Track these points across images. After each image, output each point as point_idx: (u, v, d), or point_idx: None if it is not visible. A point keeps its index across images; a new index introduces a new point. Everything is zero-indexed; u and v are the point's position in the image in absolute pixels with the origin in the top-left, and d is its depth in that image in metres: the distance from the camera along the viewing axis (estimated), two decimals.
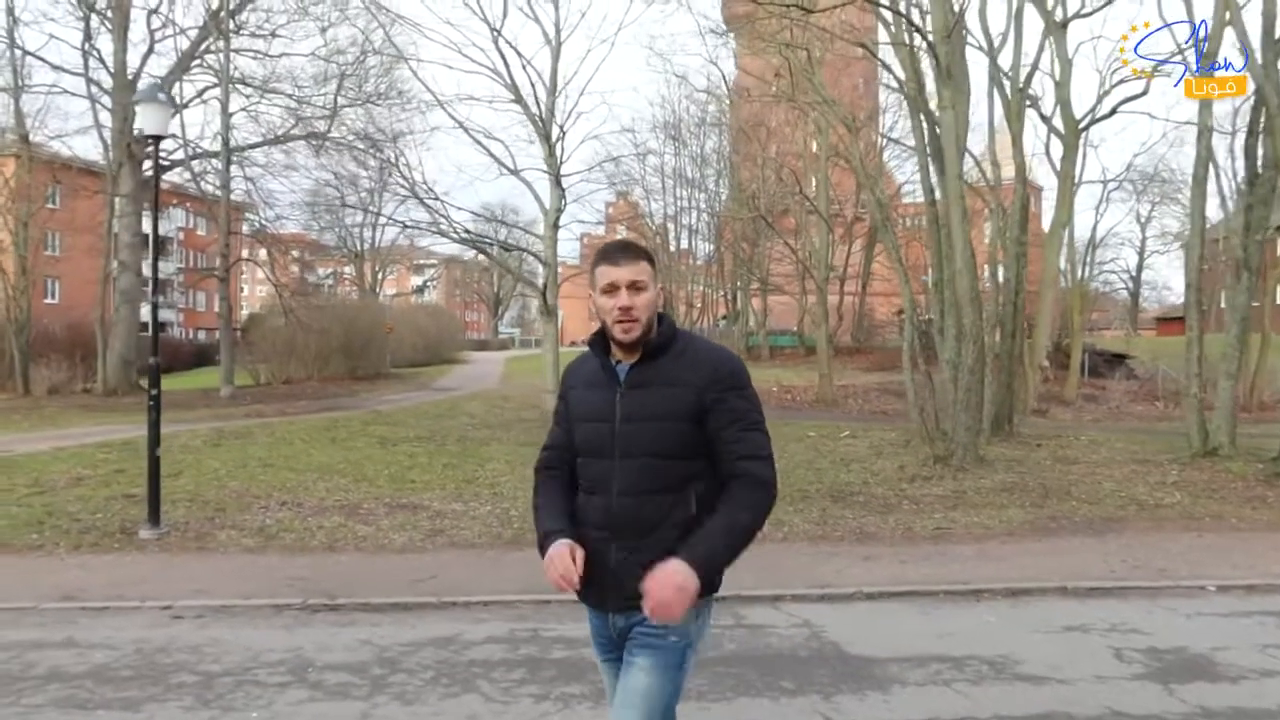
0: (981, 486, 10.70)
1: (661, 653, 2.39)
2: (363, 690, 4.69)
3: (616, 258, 2.43)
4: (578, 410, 2.53)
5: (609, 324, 2.41)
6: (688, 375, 2.38)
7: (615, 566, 2.37)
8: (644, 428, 2.37)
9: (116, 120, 25.30)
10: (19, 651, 5.33)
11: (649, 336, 2.42)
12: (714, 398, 2.37)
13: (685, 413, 2.36)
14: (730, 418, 2.38)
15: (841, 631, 5.80)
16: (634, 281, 2.38)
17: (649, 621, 2.32)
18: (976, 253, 19.05)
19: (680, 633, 2.39)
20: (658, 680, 2.39)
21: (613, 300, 2.38)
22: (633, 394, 2.41)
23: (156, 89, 8.30)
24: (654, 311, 2.43)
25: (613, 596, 2.42)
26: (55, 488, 10.26)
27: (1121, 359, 25.88)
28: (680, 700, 4.46)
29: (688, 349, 2.45)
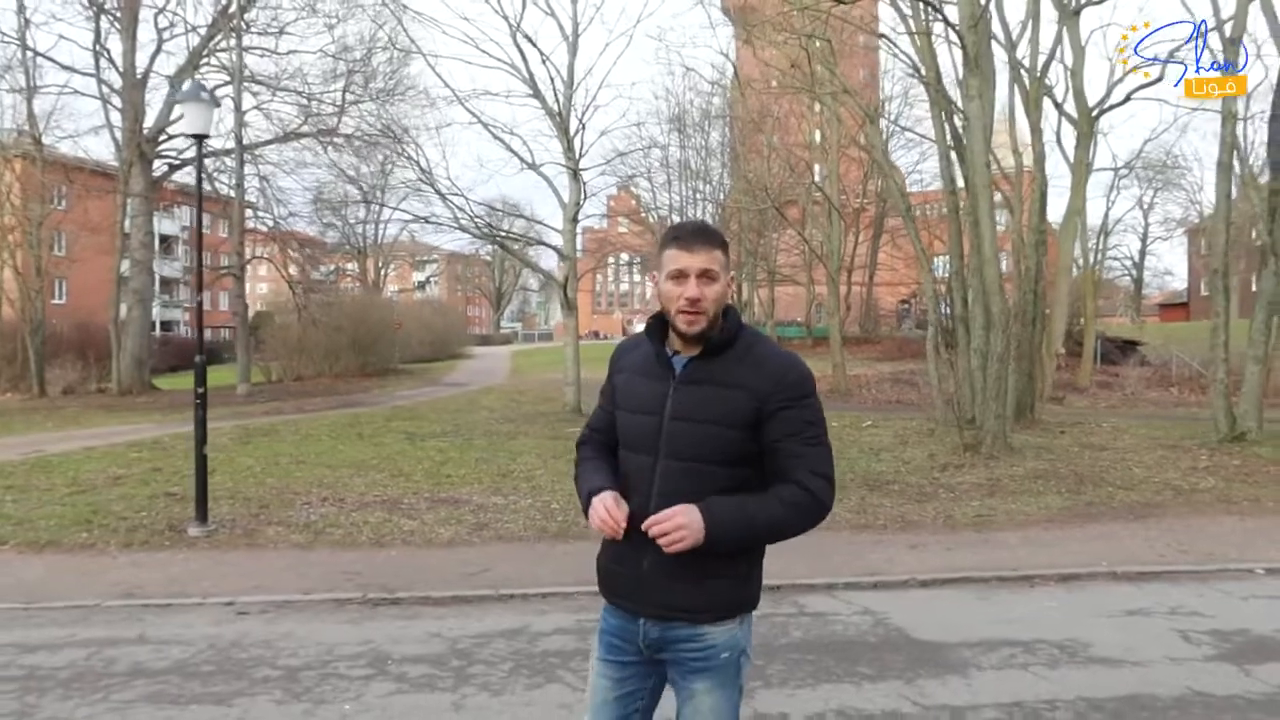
0: (1014, 474, 10.75)
1: (718, 671, 2.28)
2: (447, 682, 4.74)
3: (690, 242, 2.24)
4: (624, 399, 2.37)
5: (671, 313, 2.24)
6: (750, 379, 2.21)
7: (648, 571, 2.24)
8: (694, 428, 2.21)
9: (127, 120, 25.31)
10: (96, 648, 5.38)
11: (713, 330, 2.25)
12: (776, 407, 2.20)
13: (741, 419, 2.19)
14: (792, 429, 2.21)
15: (904, 618, 5.85)
16: (705, 270, 2.21)
17: (691, 645, 2.26)
18: None
19: (729, 646, 2.29)
20: (722, 698, 2.29)
21: (680, 288, 2.21)
22: (687, 390, 2.24)
23: (199, 88, 8.32)
24: (722, 304, 2.26)
25: (645, 603, 2.29)
26: (95, 487, 10.30)
27: (1133, 346, 25.95)
28: (765, 688, 4.54)
29: (753, 349, 2.28)
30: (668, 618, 2.26)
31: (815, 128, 28.63)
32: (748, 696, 4.45)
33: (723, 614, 2.27)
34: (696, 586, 2.22)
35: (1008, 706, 4.31)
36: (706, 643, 2.26)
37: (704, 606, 2.24)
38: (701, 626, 2.25)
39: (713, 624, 2.25)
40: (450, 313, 55.27)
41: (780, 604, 6.27)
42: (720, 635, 2.26)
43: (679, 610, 2.24)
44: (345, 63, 26.84)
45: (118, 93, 25.66)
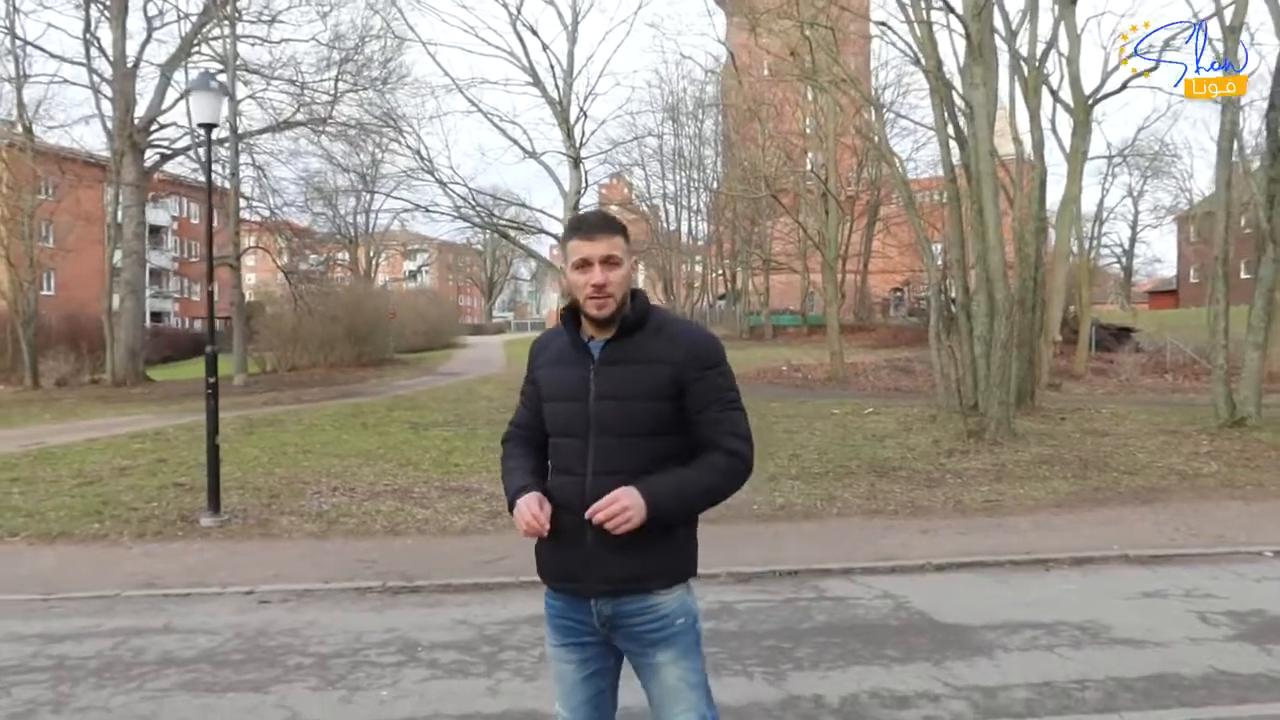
0: (1019, 459, 10.83)
1: (676, 639, 2.34)
2: (480, 668, 4.77)
3: (591, 231, 2.32)
4: (548, 389, 2.44)
5: (581, 300, 2.32)
6: (666, 352, 2.31)
7: (592, 547, 2.27)
8: (619, 405, 2.29)
9: (118, 109, 25.12)
10: (123, 638, 5.39)
11: (623, 313, 2.33)
12: (694, 376, 2.30)
13: (662, 390, 2.29)
14: (711, 396, 2.31)
15: (925, 601, 5.90)
16: (608, 256, 2.28)
17: (645, 618, 2.31)
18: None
19: (683, 612, 2.36)
20: (686, 665, 2.35)
21: (585, 276, 2.28)
22: (607, 370, 2.33)
23: (208, 77, 8.28)
24: (628, 287, 2.35)
25: (593, 580, 2.33)
26: (102, 478, 10.27)
27: (1127, 333, 26.11)
28: (796, 670, 4.58)
29: (664, 326, 2.38)
30: (618, 591, 2.31)
31: (809, 115, 28.57)
32: (780, 679, 4.52)
33: (670, 579, 2.34)
34: (641, 556, 2.27)
35: (1038, 686, 4.36)
36: (660, 612, 2.32)
37: (653, 573, 2.30)
38: (653, 596, 2.31)
39: (664, 591, 2.32)
40: (444, 302, 55.19)
41: (800, 588, 6.32)
42: (672, 602, 2.33)
43: (628, 581, 2.30)
44: (338, 51, 26.72)
45: (108, 82, 25.47)
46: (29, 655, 5.12)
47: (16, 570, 7.14)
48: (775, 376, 24.66)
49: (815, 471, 10.33)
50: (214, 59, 26.31)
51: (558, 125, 15.71)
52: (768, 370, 25.73)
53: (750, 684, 4.46)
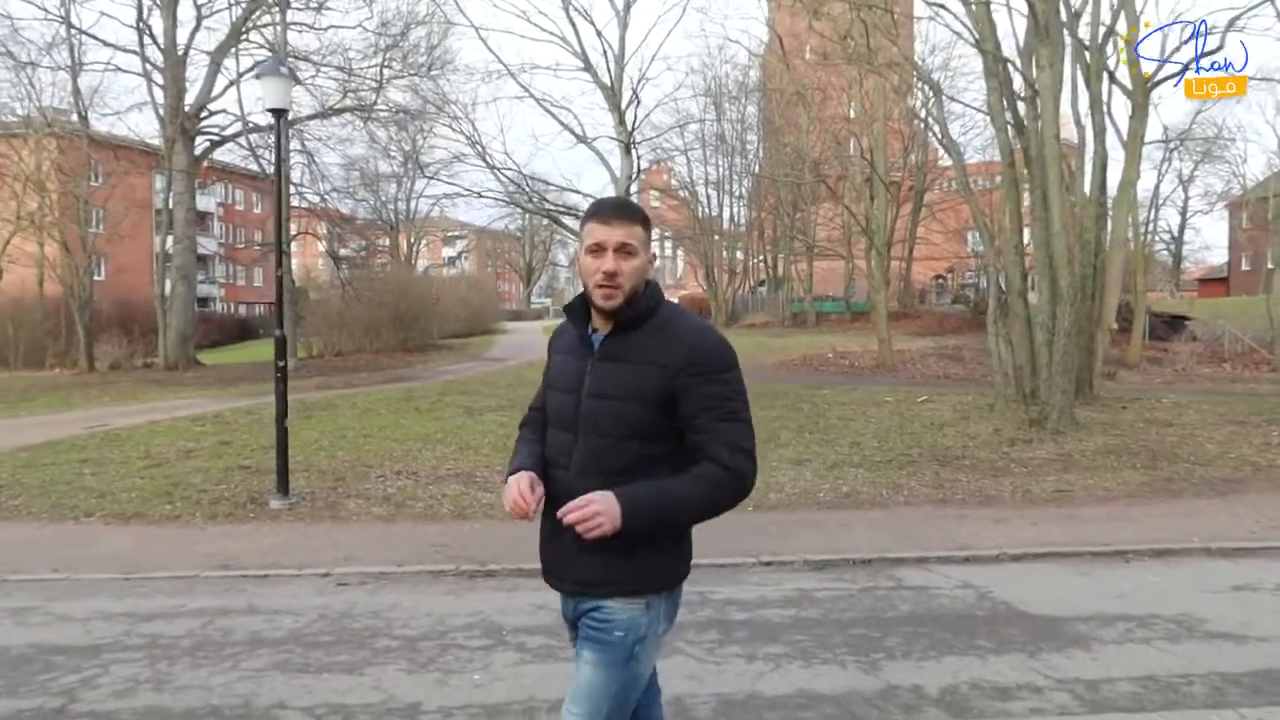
0: (1084, 449, 10.65)
1: (607, 648, 2.27)
2: (569, 652, 4.75)
3: (608, 215, 2.24)
4: (553, 377, 2.41)
5: (590, 288, 2.24)
6: (661, 354, 2.19)
7: (569, 546, 2.23)
8: (608, 405, 2.21)
9: (170, 96, 25.42)
10: (210, 618, 5.45)
11: (630, 306, 2.24)
12: (685, 383, 2.17)
13: (651, 395, 2.18)
14: (703, 405, 2.18)
15: (1007, 591, 5.81)
16: (623, 244, 2.19)
17: (593, 614, 2.27)
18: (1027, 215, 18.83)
19: (627, 627, 2.26)
20: (602, 676, 2.27)
21: (597, 262, 2.20)
22: (603, 367, 2.25)
23: (277, 63, 8.32)
24: (641, 280, 2.24)
25: (566, 578, 2.34)
26: (168, 460, 10.42)
27: (1181, 321, 25.58)
28: (889, 659, 4.52)
29: (667, 325, 2.25)
30: (581, 592, 2.30)
31: (854, 100, 28.22)
32: (874, 669, 4.46)
33: (631, 590, 2.26)
34: (609, 561, 2.22)
35: (1140, 680, 4.28)
36: (604, 616, 2.27)
37: (613, 580, 2.25)
38: (605, 601, 2.26)
39: (619, 600, 2.25)
40: (484, 288, 55.47)
41: (877, 577, 6.25)
42: (620, 613, 2.26)
43: (587, 584, 2.28)
44: (385, 38, 26.82)
45: (159, 69, 25.78)
46: (121, 634, 5.19)
47: (95, 549, 7.26)
48: (821, 363, 24.50)
49: (877, 460, 10.23)
50: (262, 46, 26.54)
51: (609, 110, 15.67)
52: (813, 357, 25.57)
53: (845, 672, 4.41)
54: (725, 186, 41.59)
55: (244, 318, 50.21)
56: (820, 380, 20.14)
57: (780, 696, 4.12)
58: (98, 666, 4.63)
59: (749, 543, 7.17)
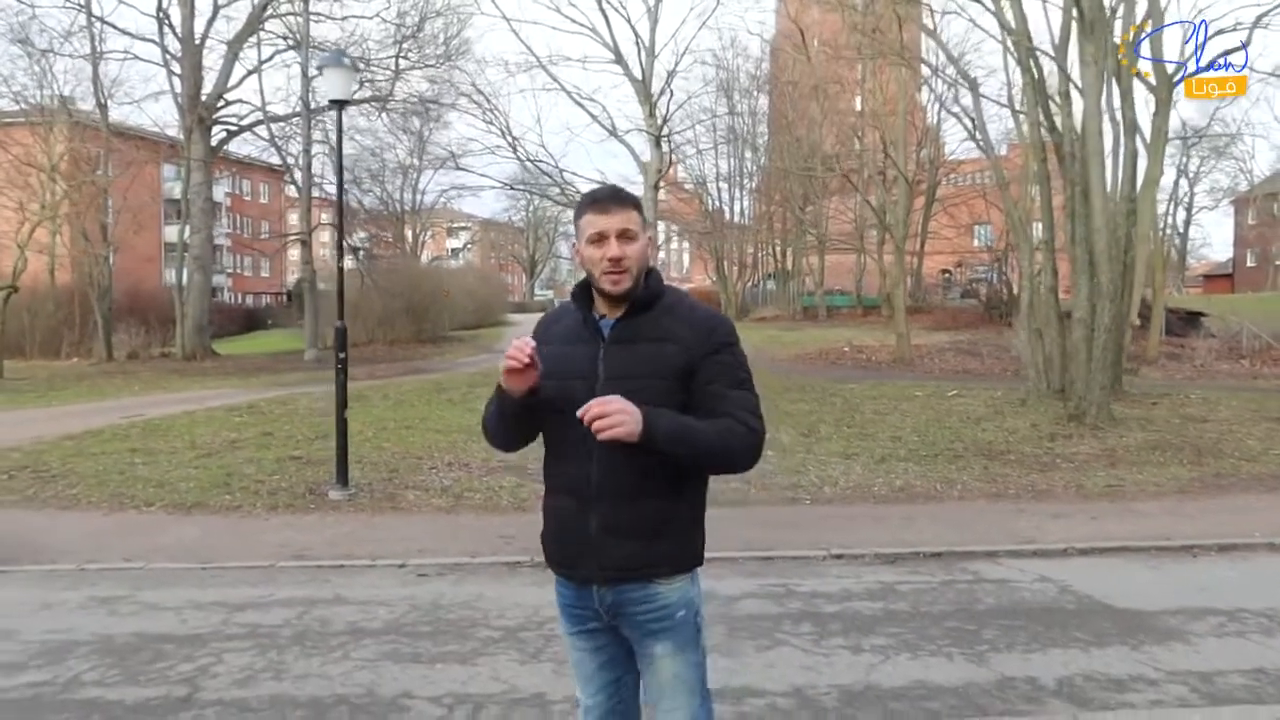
0: (1127, 445, 10.71)
1: (676, 632, 2.28)
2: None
3: (606, 205, 2.26)
4: (554, 368, 2.27)
5: (596, 276, 2.26)
6: (678, 331, 2.25)
7: (596, 534, 2.23)
8: (629, 385, 2.18)
9: (187, 86, 25.39)
10: (302, 608, 5.49)
11: (637, 290, 2.26)
12: (704, 354, 2.23)
13: (673, 370, 2.22)
14: (720, 373, 2.24)
15: (1087, 585, 5.86)
16: (624, 230, 2.22)
17: (645, 607, 2.25)
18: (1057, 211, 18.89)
19: (684, 604, 2.29)
20: (684, 661, 2.30)
21: (601, 250, 2.22)
22: (618, 349, 2.26)
23: (340, 54, 8.33)
24: (644, 263, 2.28)
25: (595, 568, 2.27)
26: (216, 450, 10.46)
27: (1197, 317, 25.66)
28: (993, 652, 4.57)
29: (676, 305, 2.32)
30: (619, 579, 2.26)
31: (873, 93, 28.18)
32: (982, 661, 4.51)
33: (672, 569, 2.28)
34: (643, 543, 2.22)
35: (1251, 673, 4.32)
36: (660, 601, 2.26)
37: (653, 561, 2.25)
38: (654, 585, 2.25)
39: (666, 580, 2.26)
40: (492, 280, 55.52)
41: (952, 570, 6.30)
42: (673, 593, 2.27)
43: (629, 570, 2.24)
44: (403, 28, 26.80)
45: (176, 59, 25.74)
46: (219, 623, 5.24)
47: (162, 539, 7.31)
48: (838, 357, 24.57)
49: (923, 454, 10.28)
50: (283, 36, 26.53)
51: (640, 103, 15.70)
52: (829, 351, 25.63)
53: (953, 665, 4.46)
54: (735, 179, 41.62)
55: (252, 308, 50.20)
56: (840, 375, 20.20)
57: (898, 688, 4.17)
58: (209, 655, 4.67)
59: (813, 535, 7.23)
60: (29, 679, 4.39)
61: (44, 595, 5.90)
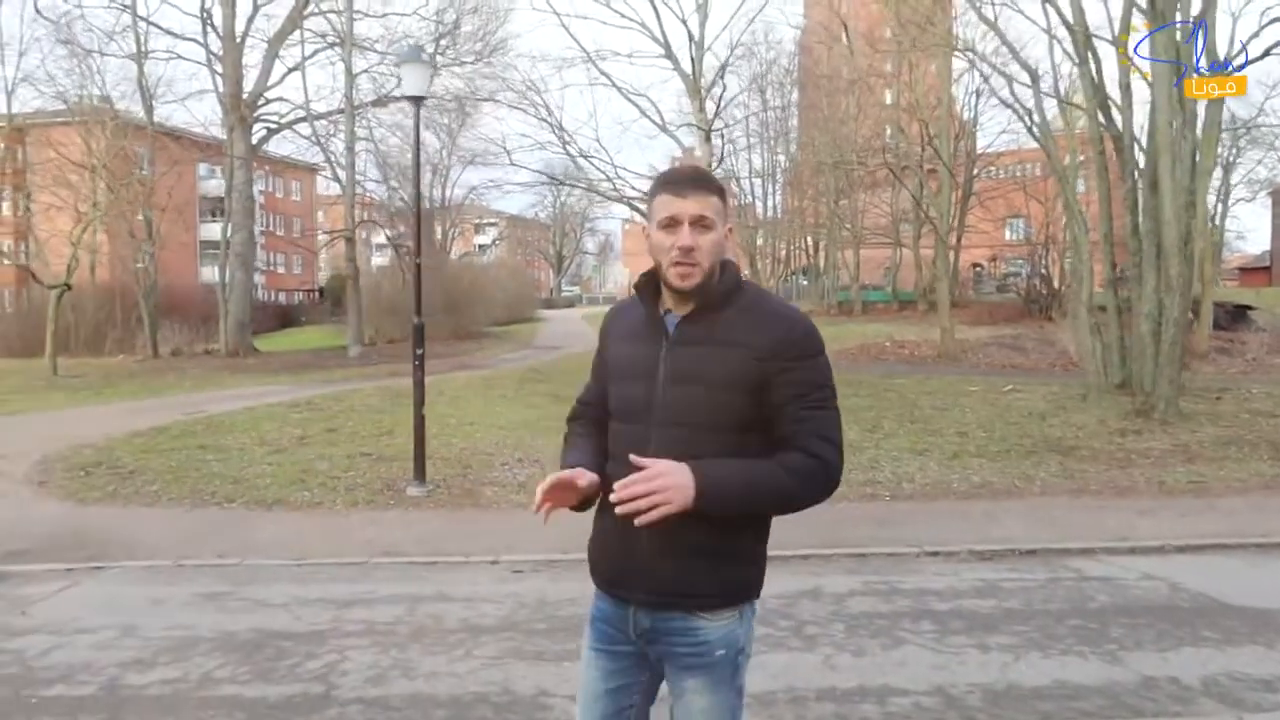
0: (1200, 440, 10.57)
1: (712, 670, 2.06)
2: (796, 642, 4.77)
3: (682, 187, 2.01)
4: (616, 366, 2.16)
5: (664, 266, 2.02)
6: (750, 337, 2.00)
7: (645, 554, 2.00)
8: (690, 392, 2.00)
9: (229, 84, 25.58)
10: (410, 605, 5.50)
11: (709, 285, 2.03)
12: (780, 367, 1.98)
13: (741, 381, 1.98)
14: (797, 391, 1.99)
15: (1196, 583, 5.78)
16: (700, 217, 1.99)
17: (684, 639, 2.04)
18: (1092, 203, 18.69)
19: (726, 643, 2.05)
20: (713, 701, 2.06)
21: (672, 238, 1.99)
22: (682, 351, 2.04)
23: (418, 50, 8.34)
24: (719, 256, 2.05)
25: (637, 588, 2.07)
26: (286, 447, 10.53)
27: (1244, 311, 25.33)
28: (1124, 650, 4.50)
29: (754, 305, 2.06)
30: (661, 605, 2.05)
31: (915, 85, 27.98)
32: (1115, 660, 4.44)
33: (722, 601, 2.05)
34: (695, 569, 2.00)
35: None
36: (700, 637, 2.04)
37: (702, 591, 2.03)
38: (697, 618, 2.04)
39: (710, 614, 2.04)
40: (522, 276, 55.62)
41: (1053, 568, 6.24)
42: (716, 630, 2.04)
43: (674, 595, 2.03)
44: (441, 25, 26.89)
45: (218, 57, 25.93)
46: (331, 619, 5.25)
47: (250, 536, 7.35)
48: (880, 353, 24.40)
49: (994, 450, 10.18)
50: (319, 34, 26.66)
51: (690, 97, 15.65)
52: (870, 346, 25.46)
53: (1088, 664, 4.40)
54: (769, 174, 41.45)
55: (285, 305, 50.55)
56: (887, 370, 20.06)
57: (1041, 687, 4.11)
58: (332, 653, 4.68)
59: (902, 532, 7.18)
60: (161, 675, 4.42)
61: (149, 591, 5.94)
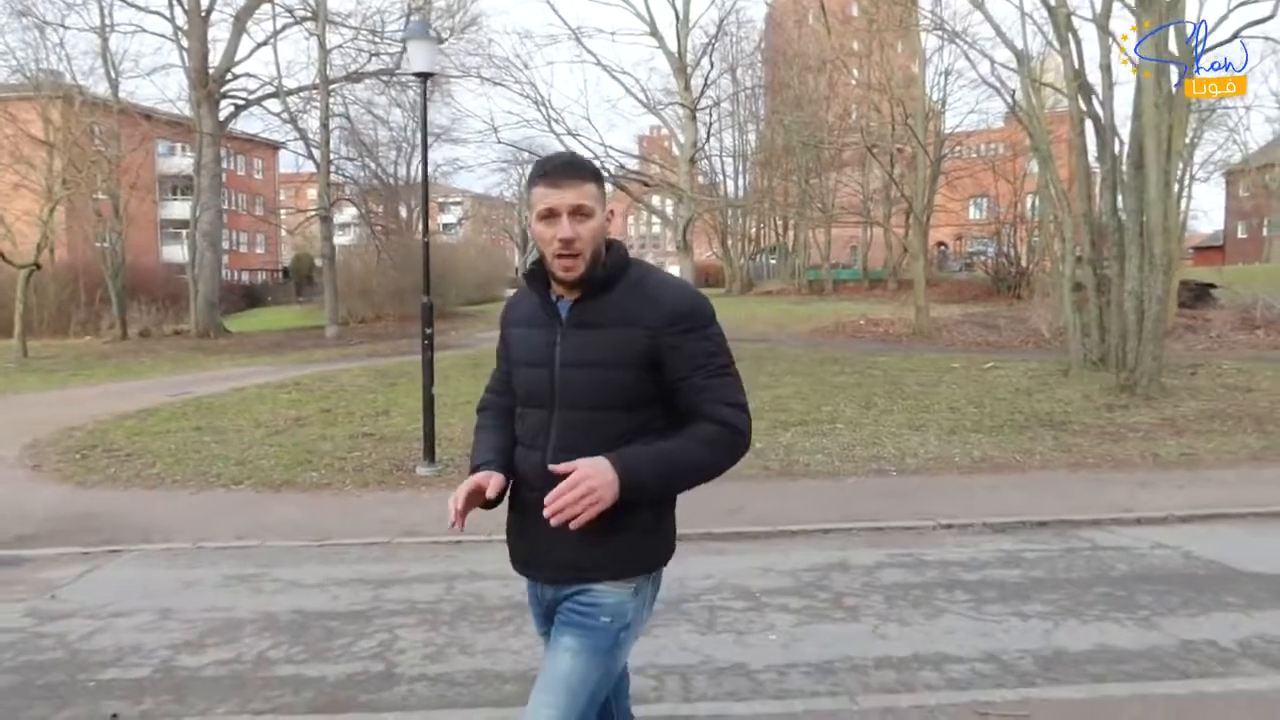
0: (1184, 414, 10.86)
1: (590, 634, 2.06)
2: (839, 613, 4.87)
3: (556, 177, 2.02)
4: (517, 353, 2.19)
5: (548, 257, 2.04)
6: (640, 313, 2.03)
7: (546, 533, 1.97)
8: (586, 374, 2.03)
9: (195, 60, 25.06)
10: (446, 584, 5.53)
11: (594, 272, 2.05)
12: (671, 341, 2.01)
13: (634, 357, 2.01)
14: (695, 363, 2.02)
15: (1207, 551, 5.97)
16: (578, 207, 2.01)
17: (578, 598, 2.07)
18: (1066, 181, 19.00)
19: (614, 612, 2.06)
20: (583, 664, 2.05)
21: (552, 229, 2.01)
22: (575, 334, 2.06)
23: (425, 26, 8.25)
24: (601, 241, 2.06)
25: (544, 565, 2.13)
26: (283, 428, 10.45)
27: (1207, 289, 25.89)
28: (1157, 616, 4.66)
29: (642, 283, 2.08)
30: (561, 581, 2.11)
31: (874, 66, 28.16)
32: (1150, 626, 4.59)
33: (615, 572, 2.07)
34: (590, 542, 2.00)
35: None
36: (590, 600, 2.07)
37: (597, 564, 2.05)
38: (592, 586, 2.07)
39: (605, 584, 2.07)
40: (493, 255, 55.29)
41: (1067, 539, 6.40)
42: (609, 598, 2.07)
43: (572, 569, 2.07)
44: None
45: (184, 31, 25.38)
46: (371, 599, 5.27)
47: (265, 517, 7.32)
48: (855, 331, 24.67)
49: (988, 425, 10.39)
50: (287, 9, 26.17)
51: (675, 76, 15.63)
52: (845, 325, 25.71)
53: (1126, 630, 4.55)
54: (739, 152, 41.49)
55: (249, 285, 49.80)
56: (866, 348, 20.28)
57: (1086, 652, 4.25)
58: (382, 632, 4.70)
59: (914, 506, 7.31)
60: (214, 657, 4.41)
61: (175, 574, 5.91)
